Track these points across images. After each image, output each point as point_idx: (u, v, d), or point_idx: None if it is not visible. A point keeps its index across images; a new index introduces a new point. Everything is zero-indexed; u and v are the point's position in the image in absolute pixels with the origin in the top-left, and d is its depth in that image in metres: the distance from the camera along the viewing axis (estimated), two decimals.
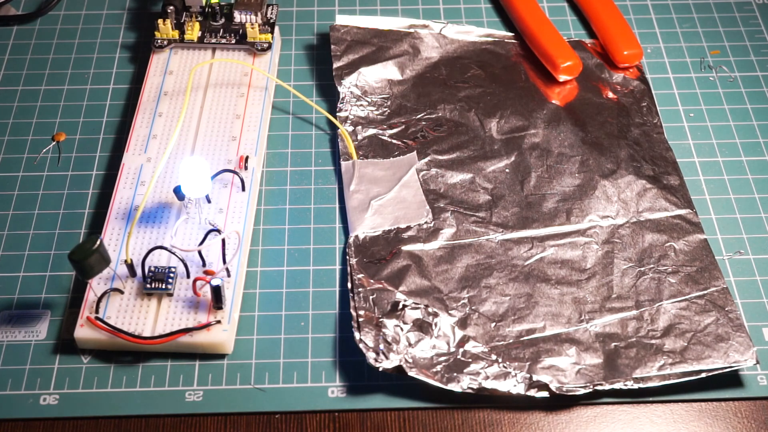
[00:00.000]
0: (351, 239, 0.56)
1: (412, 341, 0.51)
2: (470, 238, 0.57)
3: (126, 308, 0.52)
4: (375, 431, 0.50)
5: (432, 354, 0.51)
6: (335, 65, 0.65)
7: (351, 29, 0.68)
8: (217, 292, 0.50)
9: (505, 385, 0.50)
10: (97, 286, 0.52)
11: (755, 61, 0.68)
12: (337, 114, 0.63)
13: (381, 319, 0.52)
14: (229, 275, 0.53)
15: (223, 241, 0.53)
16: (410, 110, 0.64)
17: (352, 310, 0.52)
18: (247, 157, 0.58)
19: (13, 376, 0.51)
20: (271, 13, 0.67)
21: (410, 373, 0.50)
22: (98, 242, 0.48)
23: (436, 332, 0.52)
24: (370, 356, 0.50)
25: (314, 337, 0.53)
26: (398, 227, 0.57)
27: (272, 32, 0.65)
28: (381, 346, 0.50)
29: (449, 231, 0.57)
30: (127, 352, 0.52)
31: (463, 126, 0.63)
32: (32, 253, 0.56)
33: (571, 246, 0.56)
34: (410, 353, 0.50)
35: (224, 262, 0.53)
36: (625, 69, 0.67)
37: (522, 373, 0.50)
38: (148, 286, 0.52)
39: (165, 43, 0.65)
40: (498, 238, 0.57)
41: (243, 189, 0.57)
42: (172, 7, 0.65)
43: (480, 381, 0.50)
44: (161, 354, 0.52)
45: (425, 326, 0.52)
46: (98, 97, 0.65)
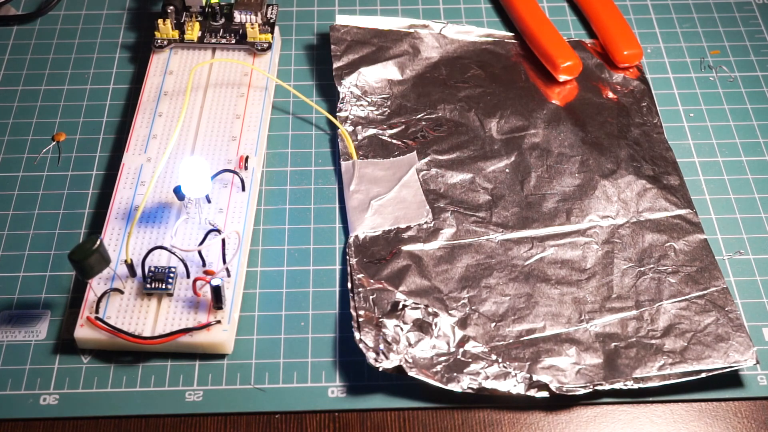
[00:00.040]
0: (351, 239, 0.56)
1: (412, 341, 0.51)
2: (470, 238, 0.57)
3: (126, 308, 0.52)
4: (375, 431, 0.50)
5: (432, 354, 0.51)
6: (335, 65, 0.65)
7: (351, 29, 0.68)
8: (217, 292, 0.50)
9: (505, 385, 0.50)
10: (97, 286, 0.52)
11: (755, 61, 0.68)
12: (337, 114, 0.63)
13: (381, 319, 0.52)
14: (229, 275, 0.52)
15: (223, 241, 0.53)
16: (410, 110, 0.64)
17: (352, 310, 0.52)
18: (247, 157, 0.58)
19: (13, 376, 0.51)
20: (271, 13, 0.67)
21: (410, 373, 0.49)
22: (98, 242, 0.48)
23: (436, 332, 0.52)
24: (370, 356, 0.50)
25: (314, 337, 0.53)
26: (398, 227, 0.57)
27: (272, 32, 0.65)
28: (381, 346, 0.50)
29: (449, 231, 0.57)
30: (127, 352, 0.52)
31: (463, 126, 0.63)
32: (32, 253, 0.56)
33: (571, 246, 0.56)
34: (410, 353, 0.50)
35: (224, 262, 0.53)
36: (625, 69, 0.67)
37: (522, 373, 0.50)
38: (148, 286, 0.52)
39: (165, 43, 0.65)
40: (498, 238, 0.57)
41: (243, 189, 0.57)
42: (172, 7, 0.65)
43: (480, 381, 0.50)
44: (161, 354, 0.52)
45: (425, 326, 0.52)
46: (98, 97, 0.65)
